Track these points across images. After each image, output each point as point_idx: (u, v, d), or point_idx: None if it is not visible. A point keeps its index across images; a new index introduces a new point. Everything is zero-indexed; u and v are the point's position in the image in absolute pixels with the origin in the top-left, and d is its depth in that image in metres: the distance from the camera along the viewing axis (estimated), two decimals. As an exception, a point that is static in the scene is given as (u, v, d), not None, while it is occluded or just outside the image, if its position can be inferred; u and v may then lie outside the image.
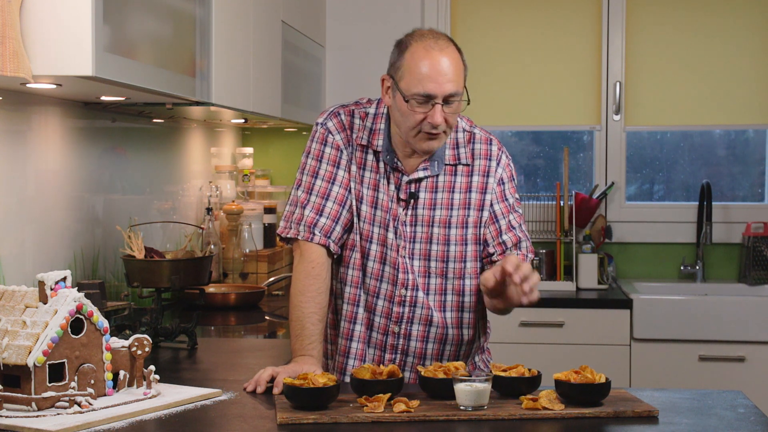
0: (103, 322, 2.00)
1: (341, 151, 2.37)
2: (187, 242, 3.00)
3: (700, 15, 4.59)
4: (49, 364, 1.91)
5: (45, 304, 1.95)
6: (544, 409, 1.97)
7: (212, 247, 3.70)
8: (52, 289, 1.96)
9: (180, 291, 2.92)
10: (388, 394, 1.98)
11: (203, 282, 2.78)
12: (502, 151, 2.42)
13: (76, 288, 2.00)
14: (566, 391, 2.01)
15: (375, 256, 2.37)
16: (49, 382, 1.91)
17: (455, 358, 2.42)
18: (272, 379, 2.15)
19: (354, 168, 2.37)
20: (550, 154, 4.84)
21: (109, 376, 2.01)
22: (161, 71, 2.41)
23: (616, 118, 4.62)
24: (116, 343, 2.07)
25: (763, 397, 3.69)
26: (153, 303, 2.71)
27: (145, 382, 2.04)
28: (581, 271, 4.34)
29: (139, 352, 2.05)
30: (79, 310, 1.95)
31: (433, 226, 2.36)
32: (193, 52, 2.68)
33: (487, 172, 2.39)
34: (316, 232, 2.34)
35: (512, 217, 2.40)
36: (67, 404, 1.90)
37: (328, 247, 2.34)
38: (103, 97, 2.72)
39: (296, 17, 3.95)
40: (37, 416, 1.86)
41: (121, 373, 2.05)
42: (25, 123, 2.61)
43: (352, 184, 2.36)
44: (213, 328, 3.21)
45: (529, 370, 2.11)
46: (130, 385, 2.07)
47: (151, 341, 2.08)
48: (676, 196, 4.77)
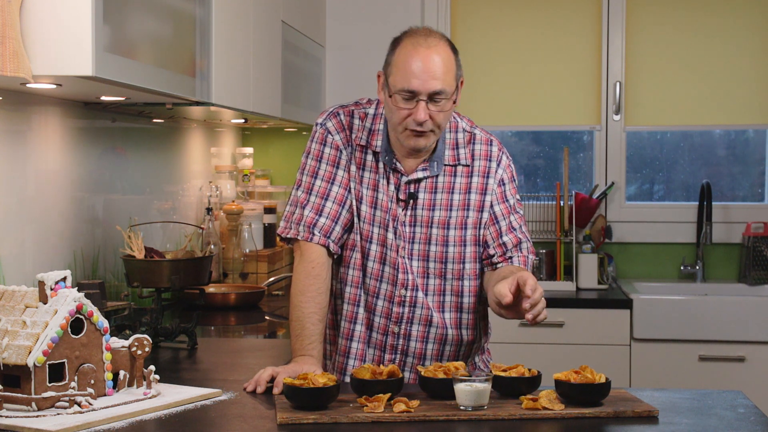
0: (103, 322, 2.00)
1: (341, 152, 2.37)
2: (187, 242, 3.00)
3: (700, 15, 4.59)
4: (49, 364, 1.91)
5: (45, 304, 1.95)
6: (544, 409, 1.97)
7: (212, 247, 3.70)
8: (52, 289, 1.96)
9: (180, 291, 2.92)
10: (388, 394, 1.98)
11: (203, 282, 2.78)
12: (502, 152, 2.42)
13: (76, 288, 2.00)
14: (566, 391, 2.01)
15: (375, 257, 2.36)
16: (49, 382, 1.91)
17: (455, 359, 2.42)
18: (272, 379, 2.15)
19: (353, 168, 2.37)
20: (550, 154, 4.84)
21: (109, 376, 2.01)
22: (161, 71, 2.41)
23: (616, 118, 4.62)
24: (116, 343, 2.07)
25: (763, 397, 3.70)
26: (153, 303, 2.71)
27: (145, 382, 2.04)
28: (581, 271, 4.34)
29: (139, 352, 2.05)
30: (79, 310, 1.95)
31: (432, 227, 2.35)
32: (193, 52, 2.68)
33: (487, 173, 2.39)
34: (316, 232, 2.34)
35: (513, 218, 2.39)
36: (67, 404, 1.90)
37: (328, 247, 2.34)
38: (103, 97, 2.72)
39: (296, 17, 3.95)
40: (37, 416, 1.86)
41: (121, 373, 2.05)
42: (25, 123, 2.61)
43: (352, 184, 2.36)
44: (213, 328, 3.21)
45: (529, 370, 2.11)
46: (130, 385, 2.07)
47: (151, 341, 2.08)
48: (676, 196, 4.77)
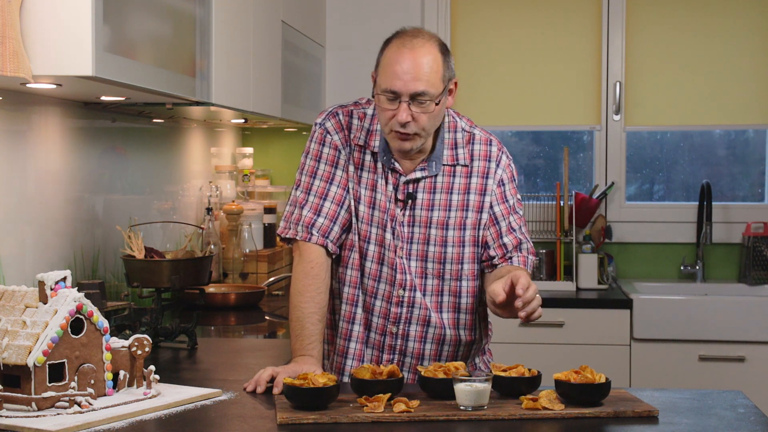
0: (103, 322, 2.00)
1: (339, 151, 2.37)
2: (187, 242, 3.00)
3: (700, 15, 4.59)
4: (49, 364, 1.91)
5: (45, 304, 1.95)
6: (544, 409, 1.97)
7: (212, 247, 3.70)
8: (52, 289, 1.96)
9: (180, 291, 2.92)
10: (388, 394, 1.98)
11: (203, 282, 2.78)
12: (502, 152, 2.41)
13: (76, 288, 2.00)
14: (566, 391, 2.01)
15: (373, 257, 2.36)
16: (49, 382, 1.91)
17: (453, 359, 2.41)
18: (272, 379, 2.15)
19: (352, 168, 2.36)
20: (550, 154, 4.84)
21: (109, 376, 2.01)
22: (161, 71, 2.41)
23: (616, 118, 4.62)
24: (116, 343, 2.07)
25: (763, 397, 3.70)
26: (153, 303, 2.71)
27: (145, 382, 2.04)
28: (581, 271, 4.34)
29: (139, 352, 2.05)
30: (79, 310, 1.95)
31: (430, 227, 2.35)
32: (193, 52, 2.68)
33: (486, 174, 2.38)
34: (314, 233, 2.33)
35: (513, 218, 2.39)
36: (67, 404, 1.90)
37: (326, 247, 2.34)
38: (103, 97, 2.72)
39: (296, 17, 3.95)
40: (37, 416, 1.86)
41: (121, 373, 2.05)
42: (25, 123, 2.61)
43: (350, 184, 2.36)
44: (213, 328, 3.21)
45: (529, 370, 2.11)
46: (130, 385, 2.07)
47: (151, 341, 2.08)
48: (676, 196, 4.76)
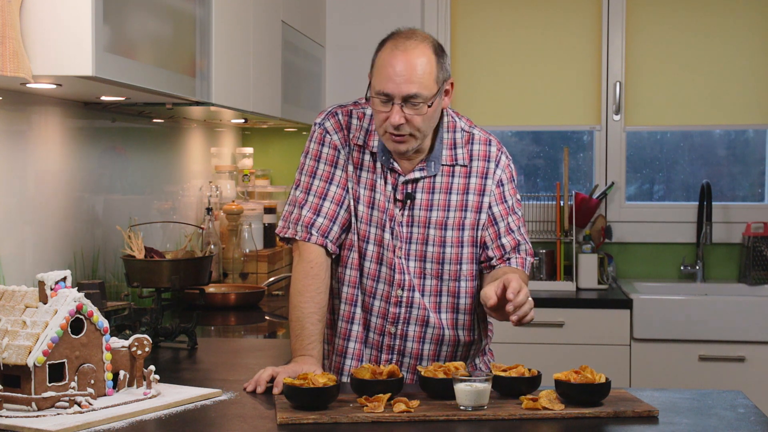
0: (103, 322, 2.00)
1: (339, 151, 2.37)
2: (187, 242, 3.00)
3: (700, 15, 4.59)
4: (49, 364, 1.91)
5: (45, 304, 1.95)
6: (544, 409, 1.97)
7: (212, 247, 3.70)
8: (52, 289, 1.96)
9: (180, 291, 2.92)
10: (388, 394, 1.98)
11: (203, 282, 2.78)
12: (501, 152, 2.41)
13: (76, 288, 2.00)
14: (566, 391, 2.01)
15: (372, 257, 2.36)
16: (49, 382, 1.91)
17: (452, 359, 2.41)
18: (272, 379, 2.15)
19: (351, 168, 2.36)
20: (550, 154, 4.84)
21: (109, 376, 2.01)
22: (161, 71, 2.41)
23: (616, 118, 4.62)
24: (116, 343, 2.07)
25: (763, 397, 3.69)
26: (153, 303, 2.71)
27: (145, 382, 2.04)
28: (581, 271, 4.34)
29: (139, 352, 2.05)
30: (79, 310, 1.95)
31: (429, 228, 2.35)
32: (193, 52, 2.68)
33: (485, 174, 2.37)
34: (314, 232, 2.33)
35: (511, 219, 2.39)
36: (67, 404, 1.90)
37: (326, 247, 2.34)
38: (103, 97, 2.72)
39: (296, 17, 3.95)
40: (37, 416, 1.86)
41: (121, 373, 2.05)
42: (25, 123, 2.61)
43: (350, 184, 2.36)
44: (213, 328, 3.21)
45: (529, 370, 2.11)
46: (130, 385, 2.07)
47: (151, 341, 2.08)
48: (676, 196, 4.76)
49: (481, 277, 2.40)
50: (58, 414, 1.88)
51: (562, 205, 4.47)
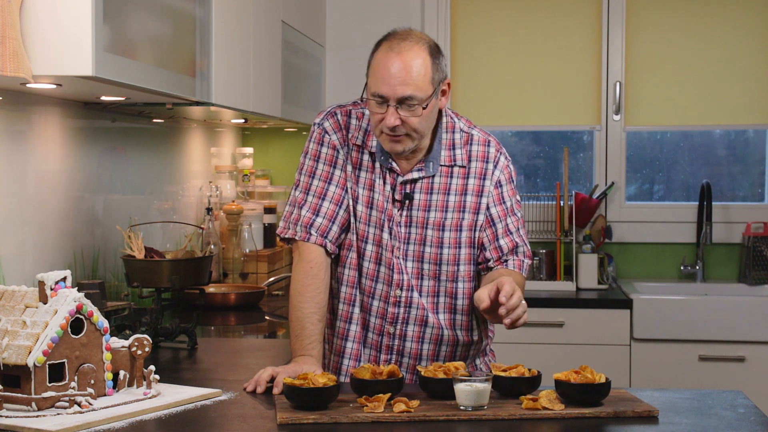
0: (103, 322, 2.00)
1: (337, 151, 2.37)
2: (187, 242, 3.00)
3: (700, 15, 4.59)
4: (49, 364, 1.91)
5: (45, 304, 1.95)
6: (544, 409, 1.97)
7: (212, 247, 3.70)
8: (52, 289, 1.96)
9: (180, 291, 2.92)
10: (388, 394, 1.98)
11: (203, 282, 2.78)
12: (500, 153, 2.40)
13: (76, 288, 2.00)
14: (566, 391, 2.01)
15: (370, 257, 2.36)
16: (49, 382, 1.91)
17: (451, 359, 2.41)
18: (272, 379, 2.15)
19: (350, 168, 2.36)
20: (550, 154, 4.84)
21: (109, 376, 2.01)
22: (161, 71, 2.41)
23: (616, 118, 4.62)
24: (116, 343, 2.07)
25: (763, 397, 3.69)
26: (153, 303, 2.71)
27: (145, 382, 2.04)
28: (581, 271, 4.34)
29: (139, 352, 2.05)
30: (79, 310, 1.95)
31: (426, 228, 2.34)
32: (193, 52, 2.68)
33: (484, 175, 2.37)
34: (313, 232, 2.34)
35: (510, 220, 2.38)
36: (67, 404, 1.90)
37: (325, 247, 2.34)
38: (103, 97, 2.72)
39: (296, 17, 3.95)
40: (37, 416, 1.86)
41: (121, 373, 2.05)
42: (25, 123, 2.61)
43: (349, 184, 2.36)
44: (213, 328, 3.21)
45: (529, 370, 2.11)
46: (130, 385, 2.07)
47: (151, 341, 2.08)
48: (676, 196, 4.76)
49: (478, 278, 2.40)
50: (58, 414, 1.88)
51: (562, 205, 4.47)
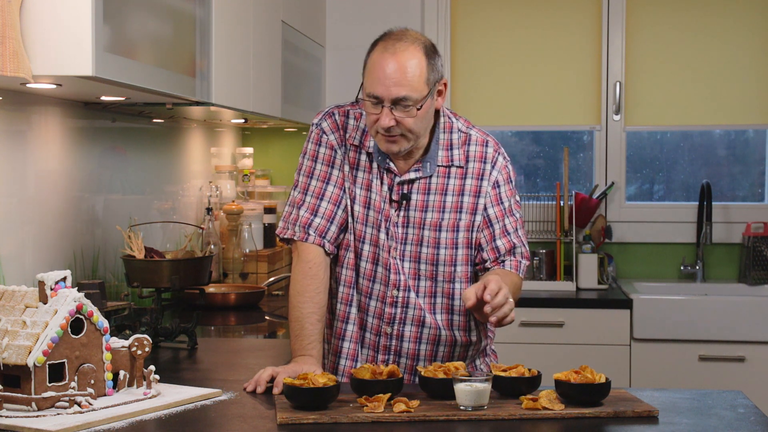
0: (103, 322, 2.00)
1: (335, 151, 2.37)
2: (187, 242, 3.00)
3: (700, 15, 4.59)
4: (49, 364, 1.91)
5: (45, 304, 1.95)
6: (544, 409, 1.97)
7: (212, 247, 3.70)
8: (52, 289, 1.96)
9: (180, 291, 2.92)
10: (388, 394, 1.98)
11: (203, 282, 2.78)
12: (498, 153, 2.39)
13: (76, 288, 2.00)
14: (566, 391, 2.01)
15: (368, 257, 2.36)
16: (49, 382, 1.91)
17: (449, 359, 2.40)
18: (272, 379, 2.15)
19: (347, 168, 2.36)
20: (550, 154, 4.84)
21: (109, 376, 2.01)
22: (161, 71, 2.41)
23: (616, 118, 4.62)
24: (116, 343, 2.07)
25: (763, 397, 3.69)
26: (153, 303, 2.71)
27: (145, 382, 2.04)
28: (581, 271, 4.34)
29: (139, 352, 2.05)
30: (79, 310, 1.95)
31: (423, 229, 2.34)
32: (193, 52, 2.68)
33: (481, 175, 2.36)
34: (311, 233, 2.34)
35: (507, 221, 2.38)
36: (67, 404, 1.90)
37: (324, 247, 2.34)
38: (103, 97, 2.72)
39: (296, 17, 3.95)
40: (37, 416, 1.86)
41: (121, 373, 2.05)
42: (25, 123, 2.61)
43: (346, 184, 2.36)
44: (213, 328, 3.21)
45: (529, 370, 2.11)
46: (130, 385, 2.07)
47: (151, 341, 2.08)
48: (676, 196, 4.76)
49: (476, 279, 2.40)
50: (58, 414, 1.88)
51: (562, 205, 4.47)
